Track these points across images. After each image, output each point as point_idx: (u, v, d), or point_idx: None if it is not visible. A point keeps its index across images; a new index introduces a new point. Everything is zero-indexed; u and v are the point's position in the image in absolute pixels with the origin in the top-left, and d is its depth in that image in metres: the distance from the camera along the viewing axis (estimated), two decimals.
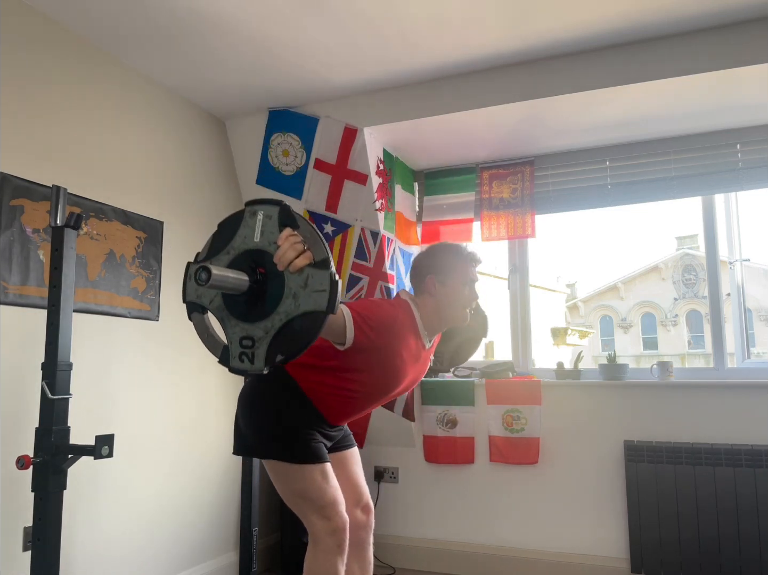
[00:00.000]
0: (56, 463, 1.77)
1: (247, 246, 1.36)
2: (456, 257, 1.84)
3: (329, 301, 1.25)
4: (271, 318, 1.30)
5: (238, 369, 1.33)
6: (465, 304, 1.83)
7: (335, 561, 1.64)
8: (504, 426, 3.05)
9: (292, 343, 1.28)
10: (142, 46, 2.49)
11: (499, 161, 3.33)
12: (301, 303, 1.27)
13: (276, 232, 1.33)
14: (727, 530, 2.61)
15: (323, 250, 1.29)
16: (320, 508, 1.65)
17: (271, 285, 1.32)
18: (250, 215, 1.37)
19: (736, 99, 2.63)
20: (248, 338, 1.32)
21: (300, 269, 1.26)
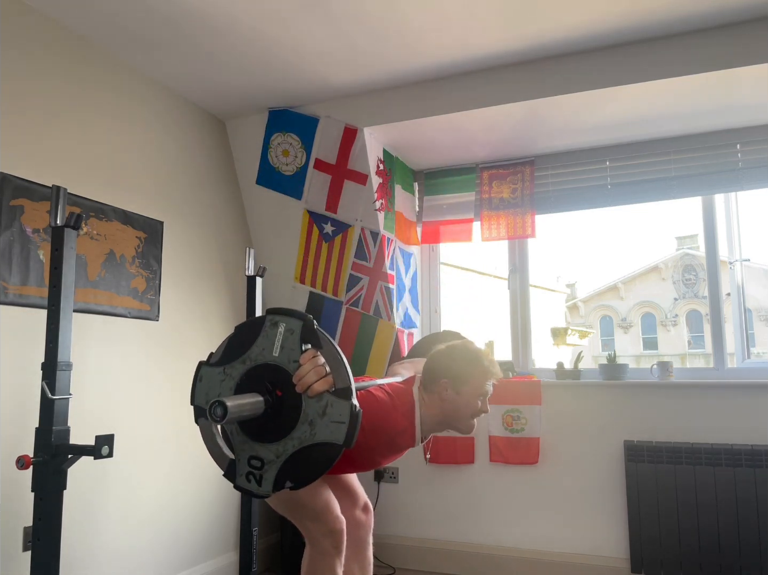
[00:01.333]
0: (56, 463, 1.77)
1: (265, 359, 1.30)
2: (476, 368, 1.77)
3: (347, 435, 1.20)
4: (284, 442, 1.24)
5: (244, 489, 1.28)
6: (474, 415, 1.78)
7: (332, 562, 1.64)
8: (504, 426, 3.05)
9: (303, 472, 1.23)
10: (142, 47, 2.49)
11: (499, 161, 3.33)
12: (317, 432, 1.22)
13: (297, 349, 1.27)
14: (727, 530, 2.61)
15: (346, 377, 1.23)
16: (314, 513, 1.65)
17: (287, 406, 1.25)
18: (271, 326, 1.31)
19: (736, 99, 2.63)
20: (257, 459, 1.26)
21: (319, 394, 1.21)
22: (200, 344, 2.90)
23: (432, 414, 1.75)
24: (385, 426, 1.63)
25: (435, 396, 1.76)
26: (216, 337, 2.99)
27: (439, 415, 1.76)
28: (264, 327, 1.32)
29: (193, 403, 1.38)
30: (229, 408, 1.15)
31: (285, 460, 1.23)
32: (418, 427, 1.73)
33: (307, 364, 1.22)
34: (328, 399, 1.22)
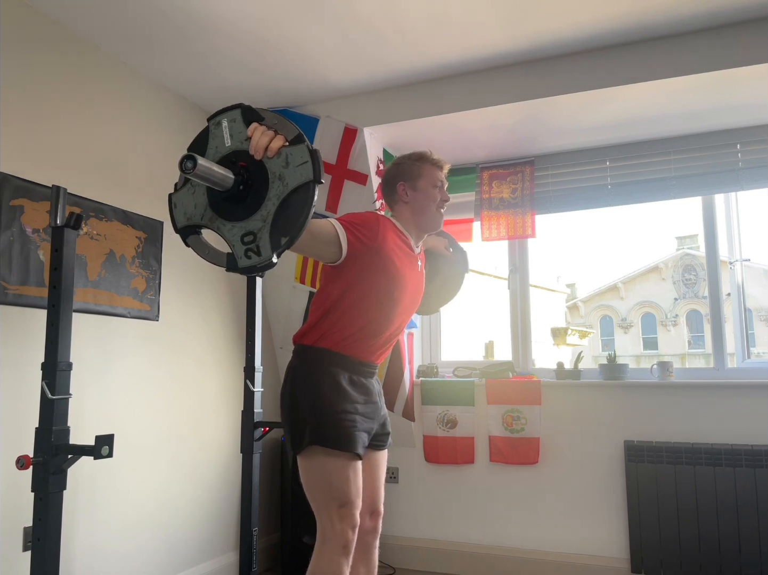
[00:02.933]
0: (56, 463, 1.77)
1: (221, 153, 1.38)
2: (422, 161, 1.89)
3: (314, 170, 1.28)
4: (264, 205, 1.31)
5: (248, 267, 1.33)
6: (438, 205, 1.89)
7: (341, 561, 1.63)
8: (504, 426, 3.05)
9: (292, 221, 1.29)
10: (142, 46, 2.49)
11: (499, 161, 3.33)
12: (289, 182, 1.29)
13: (244, 131, 1.35)
14: (727, 530, 2.61)
15: (293, 128, 1.31)
16: (339, 506, 1.64)
17: (255, 177, 1.33)
18: (215, 126, 1.40)
19: (736, 99, 2.63)
20: (248, 233, 1.33)
21: (277, 151, 1.29)
22: (200, 344, 2.90)
23: (405, 219, 1.87)
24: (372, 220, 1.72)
25: (400, 204, 1.88)
26: (216, 337, 2.99)
27: (410, 217, 1.87)
28: (210, 132, 1.41)
29: (176, 228, 1.43)
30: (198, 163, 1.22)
31: (272, 220, 1.30)
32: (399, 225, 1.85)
33: (256, 132, 1.31)
34: (285, 152, 1.30)
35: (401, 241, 1.81)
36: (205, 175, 1.27)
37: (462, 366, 3.31)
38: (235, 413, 3.06)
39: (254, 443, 2.64)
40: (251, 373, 2.69)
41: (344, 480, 1.65)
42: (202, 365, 2.91)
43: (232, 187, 1.33)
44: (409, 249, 1.84)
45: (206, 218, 1.39)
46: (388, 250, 1.72)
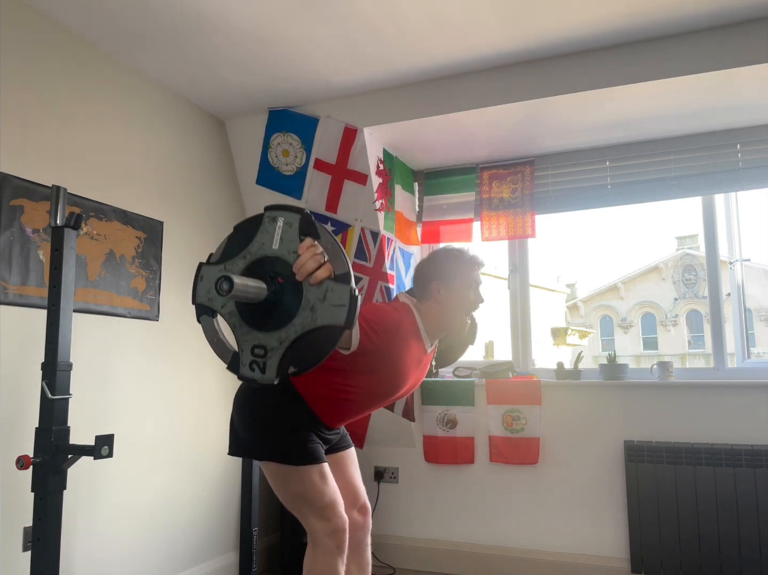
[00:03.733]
0: (56, 463, 1.77)
1: (265, 252, 1.31)
2: (459, 262, 1.82)
3: (348, 317, 1.22)
4: (287, 328, 1.26)
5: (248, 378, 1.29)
6: (471, 308, 1.83)
7: (335, 561, 1.63)
8: (504, 426, 3.05)
9: (306, 356, 1.25)
10: (142, 46, 2.49)
11: (499, 161, 3.33)
12: (319, 317, 1.24)
13: (296, 240, 1.29)
14: (727, 530, 2.61)
15: (344, 263, 1.25)
16: (319, 509, 1.65)
17: (288, 295, 1.28)
18: (270, 221, 1.32)
19: (736, 99, 2.63)
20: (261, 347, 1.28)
21: (320, 281, 1.23)
22: (200, 344, 2.90)
23: (431, 318, 1.80)
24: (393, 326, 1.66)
25: (430, 302, 1.80)
26: None
27: (437, 318, 1.80)
28: (262, 223, 1.33)
29: (194, 302, 1.40)
30: (235, 283, 1.17)
31: (288, 346, 1.25)
32: (422, 327, 1.78)
33: (307, 253, 1.24)
34: (328, 285, 1.25)
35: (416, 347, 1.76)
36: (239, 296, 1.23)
37: (462, 366, 3.31)
38: None
39: None
40: None
41: (315, 488, 1.66)
42: (202, 365, 2.91)
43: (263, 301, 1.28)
44: (420, 353, 1.79)
45: (226, 309, 1.34)
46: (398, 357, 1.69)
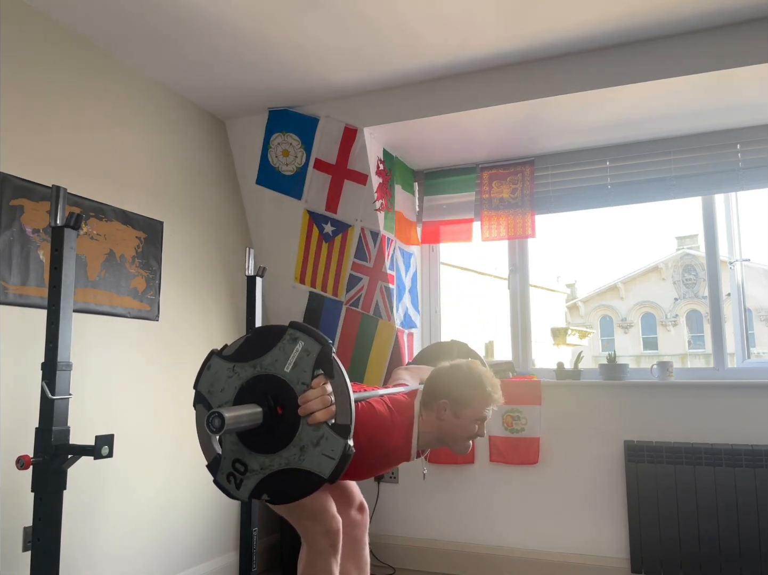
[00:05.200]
0: (56, 463, 1.77)
1: (276, 371, 1.32)
2: (477, 392, 1.78)
3: (334, 471, 1.22)
4: (272, 457, 1.26)
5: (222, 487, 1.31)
6: (470, 438, 1.80)
7: (329, 561, 1.63)
8: (504, 426, 3.05)
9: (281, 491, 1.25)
10: (142, 46, 2.49)
11: (499, 161, 3.33)
12: (306, 460, 1.24)
13: (309, 371, 1.28)
14: (727, 530, 2.61)
15: (349, 415, 1.24)
16: (311, 513, 1.65)
17: (284, 424, 1.27)
18: (290, 340, 1.32)
19: (736, 99, 2.63)
20: (242, 464, 1.29)
21: (318, 424, 1.23)
22: (200, 344, 2.90)
23: (429, 431, 1.76)
24: (382, 442, 1.64)
25: (433, 415, 1.76)
26: (216, 337, 2.99)
27: (435, 433, 1.77)
28: (283, 339, 1.33)
29: (196, 387, 1.41)
30: (226, 421, 1.18)
31: (268, 474, 1.26)
32: (414, 445, 1.74)
33: (316, 390, 1.24)
34: (325, 431, 1.24)
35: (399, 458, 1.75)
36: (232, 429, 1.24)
37: None
38: None
39: None
40: None
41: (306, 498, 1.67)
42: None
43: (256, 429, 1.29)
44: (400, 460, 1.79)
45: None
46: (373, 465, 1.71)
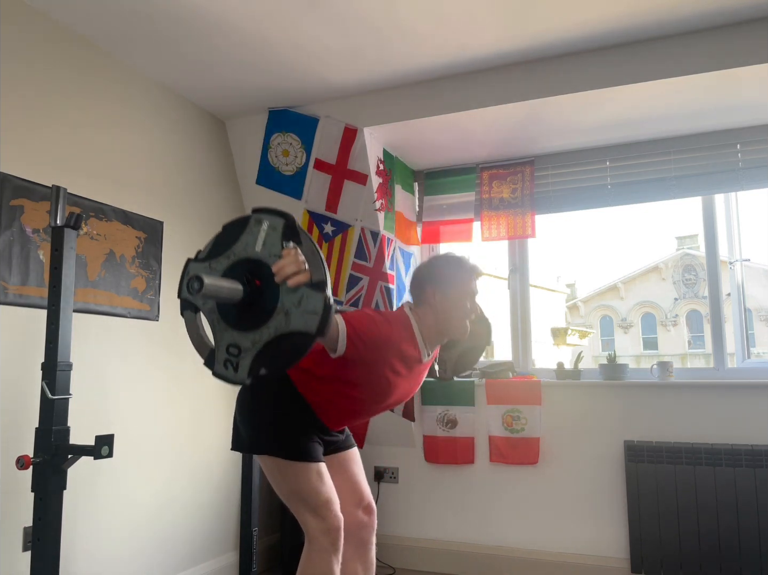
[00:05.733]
0: (56, 463, 1.77)
1: (248, 254, 1.36)
2: (458, 269, 1.80)
3: (320, 325, 1.25)
4: (260, 331, 1.30)
5: (221, 375, 1.34)
6: (465, 316, 1.80)
7: (330, 560, 1.63)
8: (504, 426, 3.05)
9: (277, 359, 1.28)
10: (142, 46, 2.49)
11: (499, 161, 3.33)
12: (292, 322, 1.27)
13: (278, 244, 1.32)
14: (727, 530, 2.61)
15: (322, 271, 1.29)
16: (315, 508, 1.65)
17: (265, 297, 1.31)
18: (256, 223, 1.37)
19: (736, 99, 2.63)
20: (235, 346, 1.32)
21: (296, 286, 1.26)
22: None
23: (427, 325, 1.78)
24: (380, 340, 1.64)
25: (426, 307, 1.79)
26: None
27: (433, 324, 1.78)
28: (249, 225, 1.38)
29: (179, 296, 1.43)
30: (205, 283, 1.22)
31: (260, 348, 1.29)
32: (419, 337, 1.76)
33: (288, 257, 1.28)
34: (303, 292, 1.28)
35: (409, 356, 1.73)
36: (211, 295, 1.27)
37: None
38: None
39: None
40: None
41: (309, 485, 1.66)
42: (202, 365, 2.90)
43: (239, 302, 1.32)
44: (415, 362, 1.76)
45: (207, 306, 1.39)
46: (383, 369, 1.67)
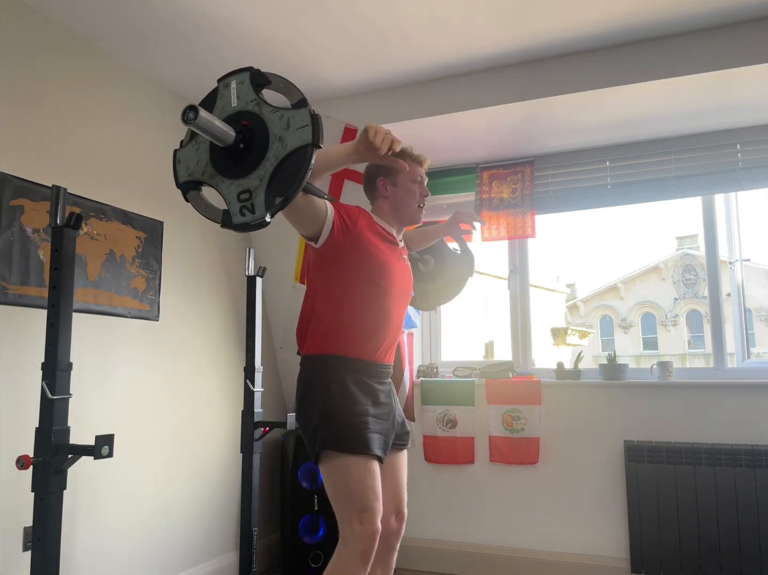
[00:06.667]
0: (56, 463, 1.77)
1: (227, 113, 1.42)
2: (402, 157, 1.88)
3: (314, 133, 1.32)
4: (263, 165, 1.35)
5: (242, 224, 1.35)
6: (417, 201, 1.90)
7: (357, 566, 1.61)
8: (504, 426, 3.05)
9: (287, 182, 1.32)
10: (142, 46, 2.49)
11: (499, 161, 3.33)
12: (289, 143, 1.34)
13: (251, 92, 1.40)
14: (727, 530, 2.61)
15: (298, 92, 1.37)
16: (360, 511, 1.62)
17: (256, 136, 1.37)
18: (224, 87, 1.45)
19: (736, 99, 2.63)
20: (245, 191, 1.36)
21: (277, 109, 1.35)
22: (200, 344, 2.90)
23: (384, 213, 1.90)
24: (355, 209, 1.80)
25: (381, 200, 1.91)
26: (216, 337, 2.99)
27: (390, 212, 1.90)
28: (218, 92, 1.46)
29: (177, 183, 1.46)
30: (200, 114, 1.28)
31: (269, 180, 1.34)
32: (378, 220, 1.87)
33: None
34: (288, 114, 1.36)
35: (383, 230, 1.85)
36: (206, 127, 1.31)
37: (462, 366, 3.31)
38: (235, 413, 3.06)
39: (254, 443, 2.64)
40: (251, 373, 2.69)
41: (361, 485, 1.64)
42: (202, 365, 2.91)
43: (233, 143, 1.36)
44: (391, 239, 1.87)
45: (207, 174, 1.42)
46: (369, 237, 1.77)
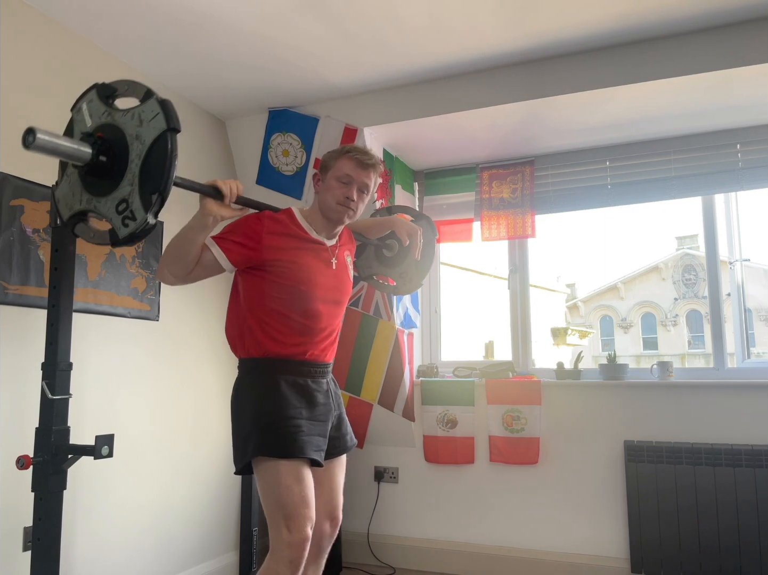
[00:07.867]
0: (56, 463, 1.77)
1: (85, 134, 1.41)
2: (335, 152, 1.83)
3: (167, 119, 1.30)
4: (129, 168, 1.33)
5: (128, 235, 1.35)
6: (336, 200, 1.77)
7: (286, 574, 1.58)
8: (504, 426, 3.05)
9: (157, 177, 1.30)
10: (142, 47, 2.49)
11: (499, 161, 3.33)
12: (146, 138, 1.32)
13: (101, 106, 1.40)
14: (727, 529, 2.61)
15: (142, 87, 1.36)
16: (288, 518, 1.59)
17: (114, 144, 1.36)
18: (77, 113, 1.45)
19: (736, 99, 2.63)
20: (121, 201, 1.35)
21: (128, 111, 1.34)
22: (200, 344, 2.90)
23: (313, 210, 1.84)
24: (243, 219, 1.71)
25: (315, 196, 1.86)
26: (216, 337, 2.99)
27: (318, 208, 1.82)
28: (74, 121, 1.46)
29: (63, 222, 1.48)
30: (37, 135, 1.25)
31: (139, 181, 1.32)
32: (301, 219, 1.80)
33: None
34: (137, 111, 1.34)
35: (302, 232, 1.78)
36: (50, 148, 1.28)
37: (462, 366, 3.31)
38: None
39: None
40: None
41: (289, 491, 1.60)
42: (202, 365, 2.91)
43: (93, 158, 1.34)
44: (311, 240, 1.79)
45: (84, 201, 1.42)
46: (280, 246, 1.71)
